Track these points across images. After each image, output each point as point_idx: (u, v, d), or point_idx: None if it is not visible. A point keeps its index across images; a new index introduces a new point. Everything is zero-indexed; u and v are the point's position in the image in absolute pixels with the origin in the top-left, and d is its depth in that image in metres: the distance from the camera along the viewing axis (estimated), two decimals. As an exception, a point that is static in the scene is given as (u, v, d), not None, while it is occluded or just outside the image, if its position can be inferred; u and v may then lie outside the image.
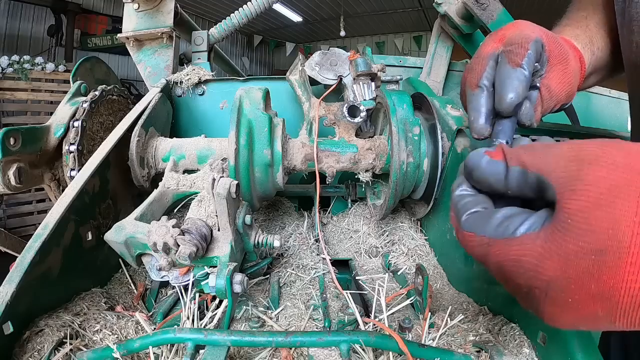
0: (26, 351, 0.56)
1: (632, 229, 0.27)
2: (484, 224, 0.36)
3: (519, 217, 0.35)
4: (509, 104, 0.46)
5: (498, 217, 0.36)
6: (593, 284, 0.29)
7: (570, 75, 0.53)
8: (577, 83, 0.57)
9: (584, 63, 0.60)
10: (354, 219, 1.13)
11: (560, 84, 0.52)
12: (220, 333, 0.56)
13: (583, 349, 0.50)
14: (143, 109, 0.97)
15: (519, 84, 0.46)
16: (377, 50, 9.78)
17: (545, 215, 0.33)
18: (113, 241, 0.71)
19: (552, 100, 0.52)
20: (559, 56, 0.52)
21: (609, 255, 0.28)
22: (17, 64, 3.90)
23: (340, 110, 0.89)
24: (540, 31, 0.52)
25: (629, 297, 0.28)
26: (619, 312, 0.29)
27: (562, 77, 0.52)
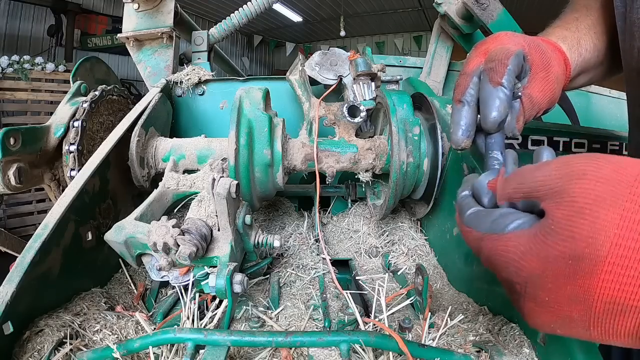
0: (26, 351, 0.56)
1: (611, 240, 0.28)
2: (482, 220, 0.40)
3: (512, 216, 0.37)
4: (493, 122, 0.49)
5: (495, 215, 0.39)
6: (569, 286, 0.31)
7: (551, 82, 0.55)
8: (561, 87, 0.58)
9: (569, 65, 0.61)
10: (354, 219, 1.13)
11: (542, 92, 0.54)
12: (220, 333, 0.56)
13: (583, 349, 0.50)
14: (143, 109, 0.97)
15: (500, 103, 0.49)
16: (377, 50, 9.78)
17: (534, 218, 0.36)
18: (113, 241, 0.71)
19: (534, 109, 0.54)
20: (541, 64, 0.54)
21: (586, 262, 0.30)
22: (17, 64, 3.90)
23: (340, 110, 0.89)
24: (522, 42, 0.54)
25: (602, 303, 0.30)
26: (593, 318, 0.31)
27: (543, 85, 0.54)
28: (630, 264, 0.28)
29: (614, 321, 0.30)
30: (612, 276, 0.29)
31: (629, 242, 0.28)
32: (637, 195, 0.29)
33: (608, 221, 0.29)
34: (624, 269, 0.28)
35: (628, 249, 0.28)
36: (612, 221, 0.29)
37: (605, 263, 0.29)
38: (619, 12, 0.62)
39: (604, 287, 0.29)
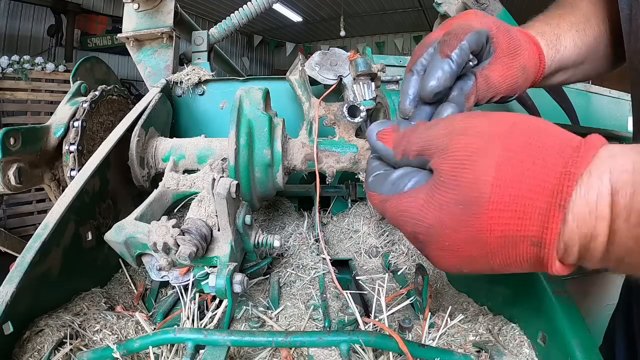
0: (26, 351, 0.56)
1: (491, 182, 0.33)
2: (382, 183, 0.42)
3: (409, 176, 0.41)
4: (428, 91, 0.48)
5: (393, 177, 0.42)
6: (463, 229, 0.35)
7: (515, 69, 0.54)
8: (528, 78, 0.57)
9: (544, 60, 0.60)
10: (354, 219, 1.13)
11: (502, 76, 0.53)
12: (220, 333, 0.56)
13: (583, 349, 0.50)
14: (143, 109, 0.97)
15: (442, 74, 0.48)
16: (377, 50, 9.78)
17: (428, 175, 0.39)
18: (113, 241, 0.71)
19: (490, 90, 0.53)
20: (507, 49, 0.53)
21: (473, 205, 0.33)
22: (17, 64, 3.91)
23: (340, 110, 0.89)
24: (490, 23, 0.53)
25: (495, 239, 0.34)
26: (490, 254, 0.35)
27: (505, 70, 0.53)
28: (512, 200, 0.32)
29: (510, 252, 0.34)
30: (498, 213, 0.33)
31: (506, 182, 0.32)
32: (511, 140, 0.33)
33: (487, 167, 0.33)
34: (506, 205, 0.32)
35: (506, 187, 0.32)
36: (490, 166, 0.33)
37: (490, 202, 0.33)
38: (624, 15, 0.62)
39: (493, 224, 0.33)
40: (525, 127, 0.34)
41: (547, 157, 0.32)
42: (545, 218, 0.32)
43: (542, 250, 0.33)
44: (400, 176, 0.41)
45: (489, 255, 0.35)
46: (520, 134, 0.34)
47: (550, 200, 0.31)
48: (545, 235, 0.32)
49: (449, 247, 0.37)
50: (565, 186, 0.31)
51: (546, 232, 0.32)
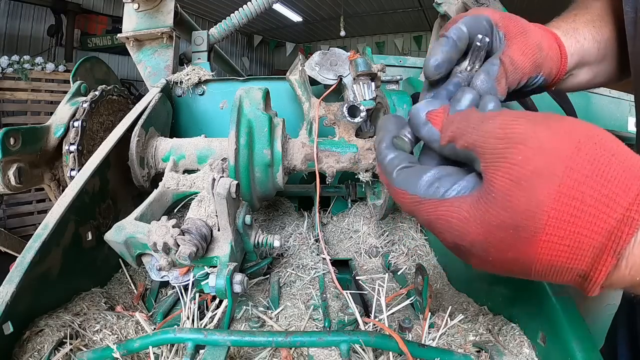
0: (26, 351, 0.56)
1: (548, 213, 0.30)
2: (416, 182, 0.38)
3: (449, 180, 0.37)
4: (427, 67, 0.47)
5: (428, 177, 0.38)
6: (510, 252, 0.33)
7: (532, 46, 0.52)
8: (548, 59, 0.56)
9: (563, 45, 0.59)
10: (354, 219, 1.13)
11: (523, 54, 0.51)
12: (220, 333, 0.56)
13: (583, 349, 0.50)
14: (143, 109, 0.97)
15: (438, 48, 0.47)
16: (377, 50, 9.78)
17: (473, 182, 0.36)
18: (113, 241, 0.71)
19: (517, 72, 0.51)
20: (516, 29, 0.52)
21: (526, 232, 0.31)
22: (17, 64, 3.91)
23: (340, 110, 0.89)
24: (491, 11, 0.53)
25: (541, 266, 0.33)
26: (533, 274, 0.34)
27: (523, 48, 0.51)
28: (565, 234, 0.31)
29: (553, 276, 0.34)
30: (549, 245, 0.31)
31: (564, 216, 0.30)
32: (574, 169, 0.30)
33: (545, 195, 0.30)
34: (560, 238, 0.31)
35: (563, 221, 0.30)
36: (548, 195, 0.30)
37: (543, 234, 0.31)
38: (628, 18, 0.61)
39: (542, 253, 0.32)
40: (593, 150, 0.31)
41: (611, 193, 0.30)
42: (598, 259, 0.31)
43: (587, 283, 0.32)
44: (438, 177, 0.38)
45: (531, 274, 0.34)
46: (587, 159, 0.30)
47: (606, 243, 0.30)
48: (594, 273, 0.31)
49: (492, 262, 0.36)
50: (625, 233, 0.29)
51: (595, 271, 0.31)
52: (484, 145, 0.34)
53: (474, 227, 0.34)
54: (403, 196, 0.39)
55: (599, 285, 0.32)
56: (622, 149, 0.31)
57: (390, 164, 0.41)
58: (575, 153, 0.31)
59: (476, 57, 0.49)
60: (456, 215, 0.35)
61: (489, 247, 0.34)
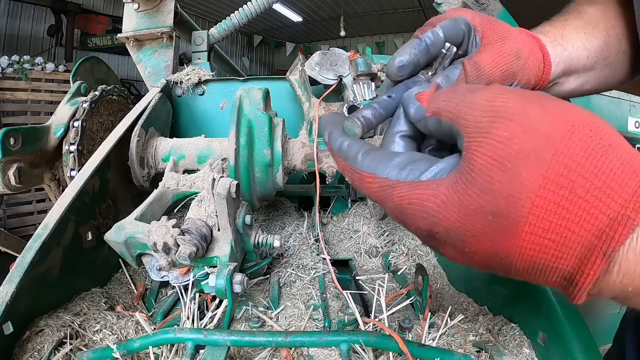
0: (26, 351, 0.56)
1: (532, 201, 0.27)
2: (386, 164, 0.35)
3: (424, 162, 0.34)
4: (390, 65, 0.45)
5: (400, 159, 0.35)
6: (488, 243, 0.30)
7: (507, 54, 0.50)
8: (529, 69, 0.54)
9: (547, 55, 0.57)
10: (354, 219, 1.13)
11: (492, 62, 0.49)
12: (220, 333, 0.56)
13: (583, 349, 0.50)
14: (143, 109, 0.97)
15: (407, 50, 0.44)
16: (377, 50, 9.77)
17: (453, 162, 0.32)
18: (113, 241, 0.71)
19: (481, 78, 0.49)
20: (494, 36, 0.50)
21: (506, 220, 0.28)
22: (17, 64, 3.90)
23: (340, 110, 0.89)
24: (472, 15, 0.51)
25: (522, 261, 0.29)
26: (513, 271, 0.30)
27: (494, 56, 0.49)
28: (550, 227, 0.27)
29: (535, 276, 0.30)
30: (532, 237, 0.28)
31: (550, 205, 0.27)
32: (564, 154, 0.27)
33: (530, 180, 0.27)
34: (544, 231, 0.27)
35: (549, 212, 0.27)
36: (534, 181, 0.27)
37: (525, 224, 0.27)
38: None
39: (523, 247, 0.28)
40: (588, 136, 0.27)
41: (605, 186, 0.26)
42: (585, 260, 0.27)
43: (572, 287, 0.29)
44: (412, 160, 0.34)
45: (511, 271, 0.31)
46: (581, 144, 0.27)
47: (596, 243, 0.27)
48: (580, 276, 0.28)
49: (468, 254, 0.32)
50: (618, 233, 0.26)
51: (582, 274, 0.28)
52: (467, 117, 0.31)
53: (451, 212, 0.30)
54: (370, 181, 0.35)
55: (585, 290, 0.28)
56: (620, 141, 0.28)
57: (351, 148, 0.38)
58: (568, 137, 0.27)
59: (440, 64, 0.48)
60: (432, 198, 0.31)
61: (465, 235, 0.30)
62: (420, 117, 0.37)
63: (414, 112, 0.38)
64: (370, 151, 0.37)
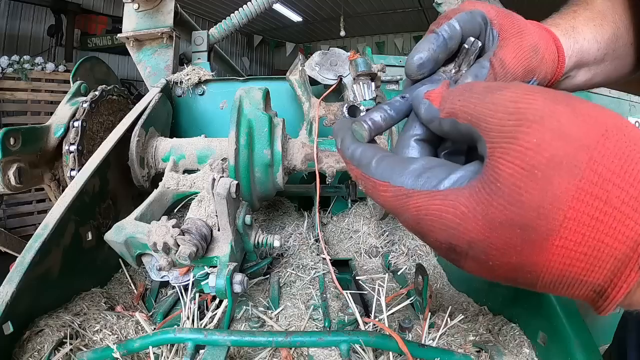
0: (26, 351, 0.56)
1: (564, 213, 0.25)
2: (401, 172, 0.32)
3: (443, 169, 0.31)
4: (410, 64, 0.41)
5: (416, 166, 0.32)
6: (515, 257, 0.28)
7: (526, 50, 0.48)
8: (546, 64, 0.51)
9: (561, 47, 0.54)
10: (354, 219, 1.13)
11: (515, 57, 0.46)
12: (220, 333, 0.56)
13: (583, 349, 0.50)
14: (143, 109, 0.97)
15: (425, 46, 0.41)
16: (377, 50, 9.78)
17: (474, 171, 0.30)
18: (113, 241, 0.71)
19: (507, 75, 0.47)
20: (512, 29, 0.47)
21: (536, 233, 0.26)
22: (17, 64, 3.90)
23: (340, 110, 0.89)
24: (487, 7, 0.48)
25: (550, 275, 0.27)
26: (539, 285, 0.29)
27: (517, 51, 0.47)
28: (583, 240, 0.25)
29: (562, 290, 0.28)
30: (564, 251, 0.26)
31: (584, 217, 0.25)
32: (599, 162, 0.25)
33: (562, 191, 0.25)
34: (577, 245, 0.26)
35: (582, 224, 0.25)
36: (566, 191, 0.25)
37: (557, 237, 0.26)
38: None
39: (553, 261, 0.27)
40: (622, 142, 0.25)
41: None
42: (618, 273, 0.26)
43: (602, 300, 0.28)
44: (429, 166, 0.32)
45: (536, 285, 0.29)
46: (615, 151, 0.25)
47: (630, 255, 0.25)
48: (612, 289, 0.27)
49: (491, 268, 0.30)
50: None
51: (614, 287, 0.26)
52: (490, 119, 0.28)
53: (474, 224, 0.28)
54: (384, 189, 0.33)
55: (615, 303, 0.27)
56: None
57: (364, 155, 0.35)
58: (602, 143, 0.25)
59: (463, 60, 0.45)
60: (452, 209, 0.29)
61: (490, 249, 0.29)
62: (432, 118, 0.35)
63: (425, 113, 0.36)
64: (384, 157, 0.34)
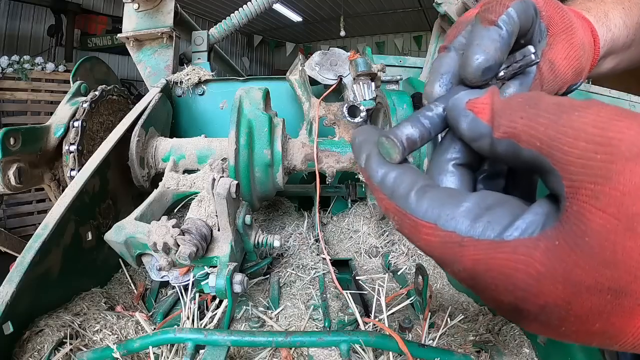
0: (26, 351, 0.56)
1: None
2: (451, 212, 0.26)
3: (505, 212, 0.25)
4: (476, 67, 0.33)
5: (470, 205, 0.26)
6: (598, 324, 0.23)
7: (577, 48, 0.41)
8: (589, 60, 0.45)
9: (598, 38, 0.48)
10: (354, 219, 1.13)
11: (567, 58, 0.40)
12: (220, 333, 0.56)
13: (583, 348, 0.50)
14: (143, 109, 0.97)
15: (490, 43, 0.33)
16: (377, 50, 9.78)
17: (544, 212, 0.24)
18: (113, 241, 0.71)
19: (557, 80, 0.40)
20: (562, 23, 0.40)
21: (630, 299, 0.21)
22: (17, 64, 3.90)
23: (340, 110, 0.89)
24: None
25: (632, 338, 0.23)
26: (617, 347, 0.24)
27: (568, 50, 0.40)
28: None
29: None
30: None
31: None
32: None
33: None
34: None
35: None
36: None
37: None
38: None
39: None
40: None
41: None
42: None
43: None
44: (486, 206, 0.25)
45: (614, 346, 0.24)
46: None
47: None
48: None
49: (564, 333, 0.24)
50: None
51: None
52: (568, 149, 0.22)
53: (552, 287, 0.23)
54: (430, 232, 0.26)
55: None
56: None
57: (399, 184, 0.28)
58: None
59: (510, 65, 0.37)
60: (523, 267, 0.23)
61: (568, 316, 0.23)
62: (479, 136, 0.28)
63: (468, 128, 0.28)
64: (426, 189, 0.27)
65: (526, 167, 0.26)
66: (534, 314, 0.25)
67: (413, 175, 0.28)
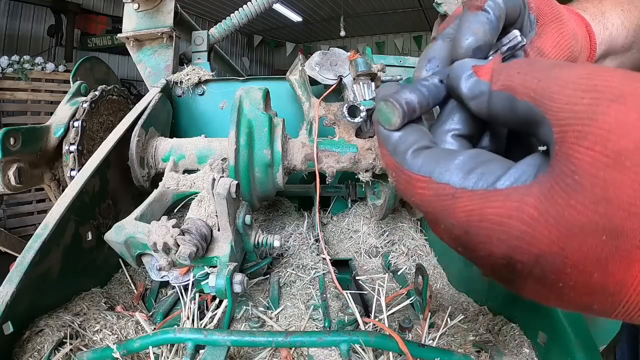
0: (26, 351, 0.56)
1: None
2: (446, 165, 0.26)
3: (499, 164, 0.25)
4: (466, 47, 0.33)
5: (465, 159, 0.26)
6: (596, 273, 0.22)
7: (568, 38, 0.42)
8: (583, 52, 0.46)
9: (593, 34, 0.48)
10: (354, 219, 1.13)
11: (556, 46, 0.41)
12: (220, 333, 0.56)
13: (583, 349, 0.50)
14: (143, 109, 0.97)
15: (479, 26, 0.34)
16: (377, 50, 9.78)
17: (536, 163, 0.24)
18: (113, 241, 0.71)
19: None
20: (551, 14, 0.42)
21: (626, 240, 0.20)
22: (17, 64, 3.90)
23: (340, 110, 0.89)
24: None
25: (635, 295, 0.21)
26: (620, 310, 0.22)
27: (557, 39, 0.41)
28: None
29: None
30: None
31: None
32: None
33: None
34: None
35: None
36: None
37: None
38: None
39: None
40: None
41: None
42: None
43: None
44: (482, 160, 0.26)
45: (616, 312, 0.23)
46: None
47: None
48: None
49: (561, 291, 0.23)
50: None
51: None
52: (556, 97, 0.23)
53: (546, 232, 0.22)
54: (423, 186, 0.27)
55: None
56: None
57: (402, 141, 0.29)
58: None
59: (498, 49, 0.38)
60: (517, 213, 0.23)
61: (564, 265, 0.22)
62: (479, 93, 0.28)
63: (470, 87, 0.29)
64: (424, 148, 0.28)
65: (521, 123, 0.26)
66: (529, 266, 0.24)
67: (417, 135, 0.29)
